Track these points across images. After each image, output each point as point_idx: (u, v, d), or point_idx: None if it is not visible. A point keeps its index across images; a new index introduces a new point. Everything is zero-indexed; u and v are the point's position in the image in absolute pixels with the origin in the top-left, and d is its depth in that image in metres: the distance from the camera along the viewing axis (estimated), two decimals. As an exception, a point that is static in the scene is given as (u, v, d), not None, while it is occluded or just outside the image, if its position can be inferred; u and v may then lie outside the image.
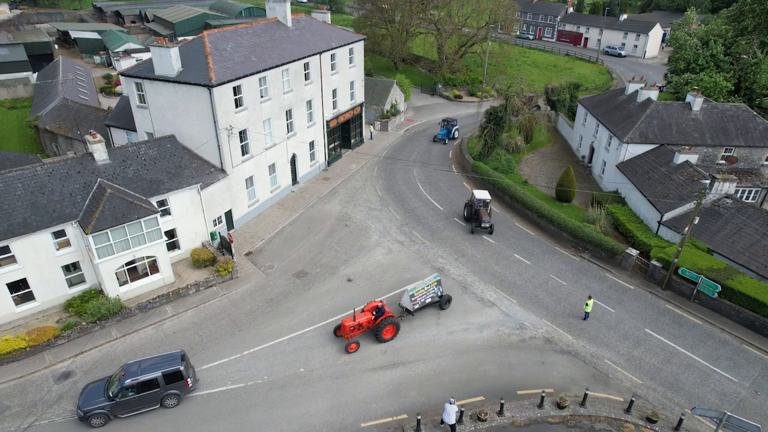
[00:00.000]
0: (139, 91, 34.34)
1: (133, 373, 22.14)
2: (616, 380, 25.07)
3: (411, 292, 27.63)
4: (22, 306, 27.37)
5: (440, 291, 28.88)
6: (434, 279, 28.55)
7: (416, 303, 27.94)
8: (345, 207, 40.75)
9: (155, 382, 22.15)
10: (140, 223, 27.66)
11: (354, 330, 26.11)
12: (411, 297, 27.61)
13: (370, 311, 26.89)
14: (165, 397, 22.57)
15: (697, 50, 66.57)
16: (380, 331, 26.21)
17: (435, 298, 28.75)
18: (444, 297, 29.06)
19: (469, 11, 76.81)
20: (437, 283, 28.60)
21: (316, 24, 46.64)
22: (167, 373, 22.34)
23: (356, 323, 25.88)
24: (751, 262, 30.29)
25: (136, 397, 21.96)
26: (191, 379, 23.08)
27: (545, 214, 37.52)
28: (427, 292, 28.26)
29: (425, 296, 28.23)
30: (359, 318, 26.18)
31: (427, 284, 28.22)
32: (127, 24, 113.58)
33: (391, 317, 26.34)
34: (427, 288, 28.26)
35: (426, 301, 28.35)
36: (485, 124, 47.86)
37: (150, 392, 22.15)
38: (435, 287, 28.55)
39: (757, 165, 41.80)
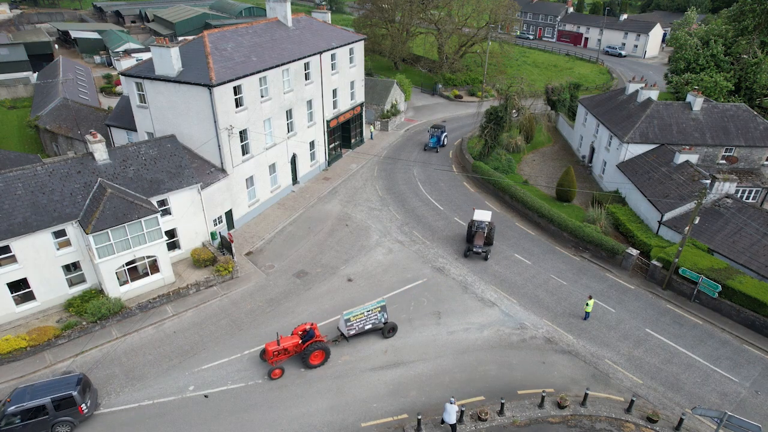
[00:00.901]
0: (139, 91, 34.34)
1: (20, 398, 20.75)
2: (617, 380, 25.06)
3: (347, 316, 25.83)
4: (22, 306, 27.38)
5: (384, 317, 26.71)
6: (377, 304, 26.59)
7: (352, 328, 26.01)
8: (345, 207, 40.74)
9: (44, 408, 20.63)
10: (140, 223, 27.66)
11: (279, 355, 24.48)
12: (347, 321, 25.80)
13: (298, 334, 25.16)
14: (55, 424, 20.99)
15: (698, 50, 66.56)
16: (307, 356, 24.45)
17: (377, 324, 26.65)
18: (388, 325, 26.83)
19: (470, 11, 76.80)
20: (381, 309, 26.54)
21: (317, 24, 46.64)
22: (58, 398, 20.79)
23: (281, 347, 24.32)
24: (751, 262, 30.29)
25: (20, 425, 20.49)
26: (86, 405, 21.46)
27: (545, 213, 37.52)
28: (367, 318, 26.25)
29: (364, 322, 26.23)
30: (284, 342, 24.57)
31: (368, 309, 26.26)
32: (127, 24, 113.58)
33: (319, 342, 24.75)
34: (368, 313, 26.23)
35: (365, 327, 26.33)
36: (485, 124, 47.85)
37: (38, 420, 20.64)
38: (378, 313, 26.47)
39: (757, 165, 41.79)
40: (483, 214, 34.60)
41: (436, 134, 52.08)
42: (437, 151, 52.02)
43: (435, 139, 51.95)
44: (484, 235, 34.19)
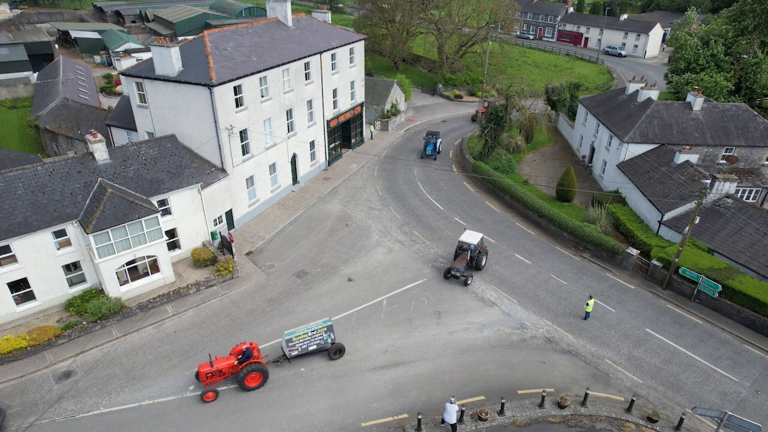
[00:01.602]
0: (139, 91, 34.34)
1: None
2: (617, 380, 25.07)
3: (288, 336, 24.48)
4: (22, 305, 27.38)
5: (330, 338, 25.31)
6: (323, 324, 25.07)
7: (294, 349, 24.67)
8: (345, 207, 40.75)
9: None
10: (141, 223, 27.67)
11: (213, 376, 23.15)
12: (288, 342, 24.46)
13: (235, 355, 23.85)
14: None
15: (698, 50, 66.56)
16: (242, 379, 23.13)
17: (323, 345, 25.25)
18: (335, 346, 25.34)
19: (470, 11, 76.79)
20: (327, 329, 25.09)
21: (317, 24, 46.65)
22: None
23: (214, 369, 23.00)
24: (751, 262, 30.30)
25: None
26: None
27: (546, 213, 37.52)
28: (311, 338, 24.85)
29: (308, 342, 24.84)
30: (219, 363, 23.26)
31: (312, 329, 24.87)
32: (127, 24, 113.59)
33: (256, 363, 23.33)
34: (312, 333, 24.82)
35: (309, 348, 24.97)
36: (485, 123, 47.88)
37: None
38: (323, 333, 25.05)
39: (757, 165, 41.79)
40: (471, 236, 32.21)
41: (432, 141, 49.89)
42: (435, 159, 50.20)
43: (432, 146, 49.75)
44: (466, 258, 31.73)
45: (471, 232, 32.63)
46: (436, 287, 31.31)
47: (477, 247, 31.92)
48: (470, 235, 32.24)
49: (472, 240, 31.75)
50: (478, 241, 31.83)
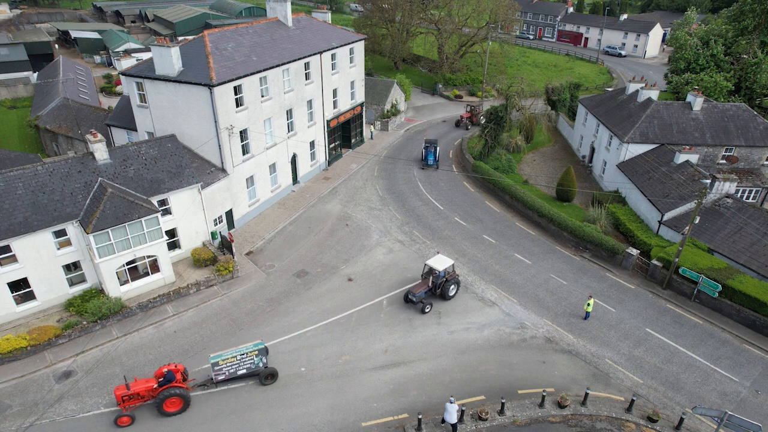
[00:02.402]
0: (139, 91, 34.34)
1: None
2: (617, 380, 25.07)
3: (215, 359, 23.10)
4: (22, 305, 27.38)
5: (262, 362, 23.76)
6: (254, 347, 23.50)
7: (221, 373, 23.27)
8: (345, 206, 40.75)
9: None
10: (141, 223, 27.67)
11: (130, 399, 21.87)
12: (214, 365, 23.05)
13: (157, 377, 22.57)
14: None
15: (698, 50, 66.59)
16: (160, 403, 21.78)
17: (254, 369, 23.72)
18: (266, 370, 23.88)
19: (470, 11, 76.81)
20: (258, 353, 23.51)
21: (317, 24, 46.65)
22: None
23: (131, 392, 21.71)
24: (751, 262, 30.30)
25: None
26: None
27: (546, 213, 37.53)
28: (241, 362, 23.31)
29: (236, 366, 23.34)
30: (138, 386, 21.95)
31: (241, 352, 23.31)
32: (127, 24, 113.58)
33: (176, 388, 21.98)
34: (242, 357, 23.27)
35: (238, 372, 23.47)
36: (486, 123, 47.88)
37: None
38: (255, 357, 23.49)
39: (757, 165, 41.81)
40: (440, 261, 29.25)
41: (431, 149, 47.36)
42: (437, 168, 47.57)
43: (431, 154, 47.17)
44: (428, 284, 29.27)
45: (442, 257, 29.73)
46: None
47: (446, 274, 29.35)
48: (439, 260, 29.32)
49: (438, 266, 28.85)
50: (446, 267, 28.91)
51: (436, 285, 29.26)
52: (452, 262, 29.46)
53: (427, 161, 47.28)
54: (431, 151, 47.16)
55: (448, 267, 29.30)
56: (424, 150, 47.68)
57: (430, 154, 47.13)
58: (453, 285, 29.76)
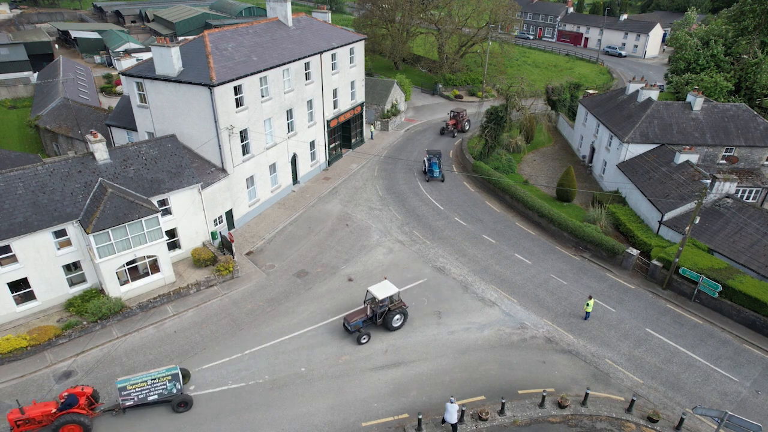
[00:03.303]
0: (139, 91, 34.34)
1: None
2: (617, 380, 25.07)
3: (122, 383, 21.59)
4: (23, 305, 27.38)
5: (176, 388, 22.31)
6: (167, 372, 22.10)
7: (129, 399, 21.78)
8: (345, 206, 40.75)
9: None
10: (141, 223, 27.67)
11: (24, 425, 20.54)
12: (121, 390, 21.59)
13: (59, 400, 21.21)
14: None
15: (698, 50, 66.60)
16: (55, 431, 20.33)
17: (165, 395, 22.28)
18: (179, 397, 22.37)
19: (470, 11, 76.81)
20: (171, 378, 22.12)
21: (317, 24, 46.65)
22: None
23: (25, 417, 20.36)
24: (751, 262, 30.30)
25: None
26: None
27: (546, 213, 37.53)
28: (151, 387, 21.94)
29: (147, 392, 21.96)
30: (34, 410, 20.59)
31: (152, 377, 21.91)
32: (127, 24, 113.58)
33: (77, 414, 20.55)
34: (152, 382, 21.89)
35: (148, 398, 22.08)
36: (486, 123, 47.87)
37: None
38: (167, 382, 22.12)
39: (757, 165, 41.81)
40: (383, 288, 26.67)
41: (434, 160, 45.84)
42: (443, 180, 45.47)
43: (435, 165, 45.36)
44: (366, 311, 27.12)
45: (387, 283, 27.11)
46: (436, 287, 31.31)
47: (391, 302, 26.98)
48: (383, 287, 26.74)
49: (379, 293, 26.27)
50: (390, 295, 26.41)
51: (376, 314, 26.92)
52: (397, 290, 26.76)
53: (432, 173, 45.30)
54: (435, 162, 45.56)
55: (394, 295, 26.83)
56: (427, 161, 45.94)
57: (434, 165, 45.42)
58: (398, 315, 27.15)
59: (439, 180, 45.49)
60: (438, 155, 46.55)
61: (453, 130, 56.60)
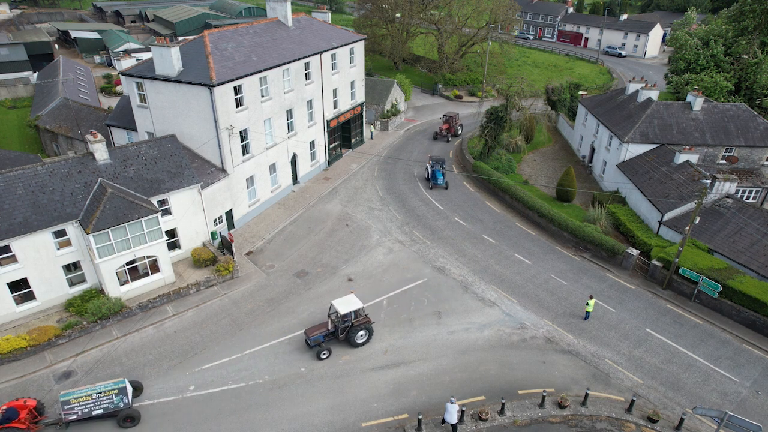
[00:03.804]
0: (139, 91, 34.33)
1: None
2: (617, 380, 25.06)
3: (65, 396, 20.86)
4: (22, 305, 27.37)
5: (123, 402, 21.48)
6: (114, 386, 21.44)
7: (72, 413, 20.99)
8: (345, 207, 40.74)
9: None
10: (141, 223, 27.66)
11: None
12: (64, 404, 20.83)
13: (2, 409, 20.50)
14: None
15: (698, 50, 66.60)
16: None
17: (112, 409, 21.43)
18: (126, 412, 21.51)
19: (470, 11, 76.80)
20: (118, 392, 21.41)
21: (317, 24, 46.65)
22: None
23: None
24: (751, 262, 30.29)
25: None
26: None
27: (546, 213, 37.52)
28: (97, 401, 21.16)
29: (92, 406, 21.15)
30: None
31: (98, 390, 21.22)
32: (127, 24, 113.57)
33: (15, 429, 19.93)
34: (98, 395, 21.16)
35: (93, 412, 21.20)
36: (486, 123, 47.86)
37: None
38: (114, 396, 21.37)
39: (757, 165, 41.80)
40: (348, 303, 25.69)
41: (437, 168, 44.44)
42: (447, 187, 44.25)
43: (440, 172, 44.05)
44: (328, 327, 26.19)
45: (352, 298, 26.18)
46: (436, 287, 31.31)
47: (356, 316, 26.04)
48: (347, 302, 25.76)
49: (342, 307, 25.29)
50: (353, 310, 25.51)
51: (338, 329, 25.94)
52: (361, 305, 25.72)
53: (435, 180, 43.83)
54: (438, 170, 44.16)
55: (359, 309, 25.88)
56: (431, 168, 44.55)
57: (438, 172, 43.96)
58: (363, 331, 26.02)
59: (442, 187, 44.19)
60: (442, 162, 44.90)
61: (447, 135, 55.06)
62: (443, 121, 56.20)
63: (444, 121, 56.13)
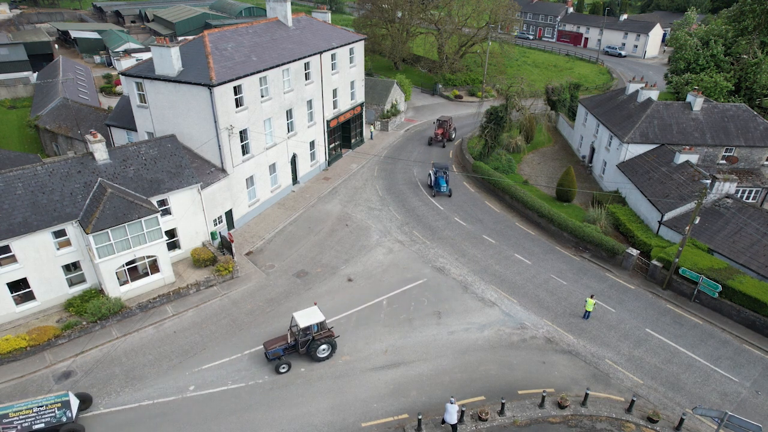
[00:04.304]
0: (139, 91, 34.32)
1: None
2: (617, 380, 25.05)
3: (3, 410, 20.32)
4: (22, 305, 27.36)
5: (66, 416, 20.77)
6: (56, 399, 20.84)
7: (11, 427, 20.31)
8: (345, 207, 40.73)
9: None
10: (141, 223, 27.65)
11: None
12: (3, 417, 20.21)
13: None
14: None
15: (698, 50, 66.60)
16: None
17: (53, 423, 20.70)
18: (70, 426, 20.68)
19: (470, 11, 76.80)
20: (62, 405, 20.79)
21: (317, 24, 46.64)
22: None
23: None
24: (751, 262, 30.29)
25: None
26: None
27: (546, 213, 37.51)
28: (38, 414, 20.54)
29: (32, 420, 20.49)
30: None
31: (39, 404, 20.61)
32: (127, 24, 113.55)
33: None
34: (39, 409, 20.55)
35: (33, 426, 20.51)
36: (486, 123, 47.85)
37: None
38: (57, 410, 20.73)
39: (757, 165, 41.80)
40: (309, 315, 24.83)
41: (441, 174, 42.58)
42: (450, 195, 42.56)
43: (443, 179, 42.30)
44: (287, 339, 25.25)
45: (315, 310, 25.24)
46: (436, 287, 31.30)
47: (318, 329, 25.08)
48: (309, 314, 24.92)
49: (302, 320, 24.46)
50: (315, 323, 24.59)
51: (298, 342, 25.02)
52: (323, 318, 24.77)
53: (439, 188, 42.16)
54: (441, 177, 42.37)
55: (321, 322, 24.93)
56: (433, 175, 42.87)
57: (441, 180, 42.21)
58: (325, 345, 25.16)
59: (446, 195, 42.56)
60: (445, 169, 42.72)
61: (442, 140, 53.34)
62: (437, 126, 54.29)
63: (438, 125, 54.22)
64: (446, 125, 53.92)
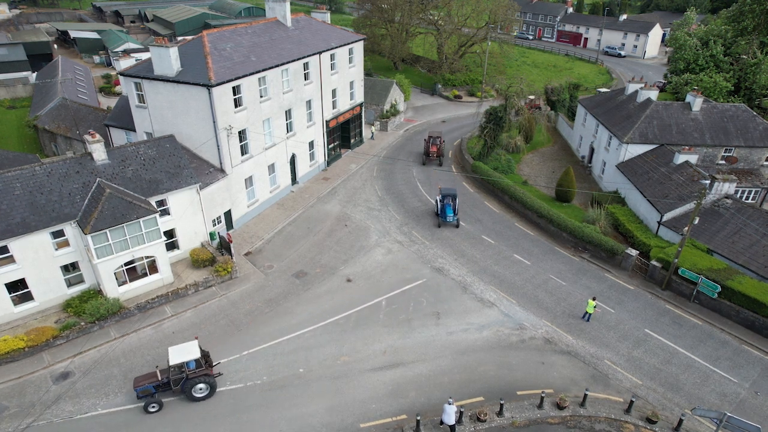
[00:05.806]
0: (138, 91, 34.28)
1: None
2: (616, 381, 25.03)
3: None
4: (20, 306, 27.32)
5: None
6: None
7: None
8: (344, 207, 40.70)
9: None
10: (139, 223, 27.61)
11: None
12: None
13: None
14: None
15: (697, 50, 66.59)
16: None
17: None
18: None
19: (469, 11, 76.77)
20: None
21: (316, 24, 46.60)
22: None
23: None
24: (750, 263, 30.26)
25: None
26: None
27: (545, 214, 37.48)
28: None
29: None
30: None
31: None
32: (126, 24, 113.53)
33: None
34: None
35: None
36: (485, 124, 47.80)
37: None
38: None
39: (756, 165, 41.77)
40: (185, 351, 22.50)
41: (448, 202, 38.02)
42: (458, 225, 37.85)
43: (450, 208, 37.69)
44: (158, 376, 22.55)
45: (193, 345, 22.75)
46: (435, 288, 31.27)
47: (190, 368, 22.42)
48: (183, 350, 22.51)
49: (175, 357, 22.08)
50: (189, 360, 22.15)
51: (171, 381, 22.36)
52: (200, 354, 22.31)
53: (445, 217, 37.43)
54: (449, 205, 37.74)
55: (198, 359, 22.28)
56: (440, 202, 38.19)
57: (448, 208, 37.62)
58: (203, 385, 22.58)
59: (453, 225, 38.02)
60: (453, 196, 38.19)
61: (439, 159, 48.97)
62: (430, 143, 48.80)
63: (431, 143, 48.90)
64: (439, 141, 49.11)
